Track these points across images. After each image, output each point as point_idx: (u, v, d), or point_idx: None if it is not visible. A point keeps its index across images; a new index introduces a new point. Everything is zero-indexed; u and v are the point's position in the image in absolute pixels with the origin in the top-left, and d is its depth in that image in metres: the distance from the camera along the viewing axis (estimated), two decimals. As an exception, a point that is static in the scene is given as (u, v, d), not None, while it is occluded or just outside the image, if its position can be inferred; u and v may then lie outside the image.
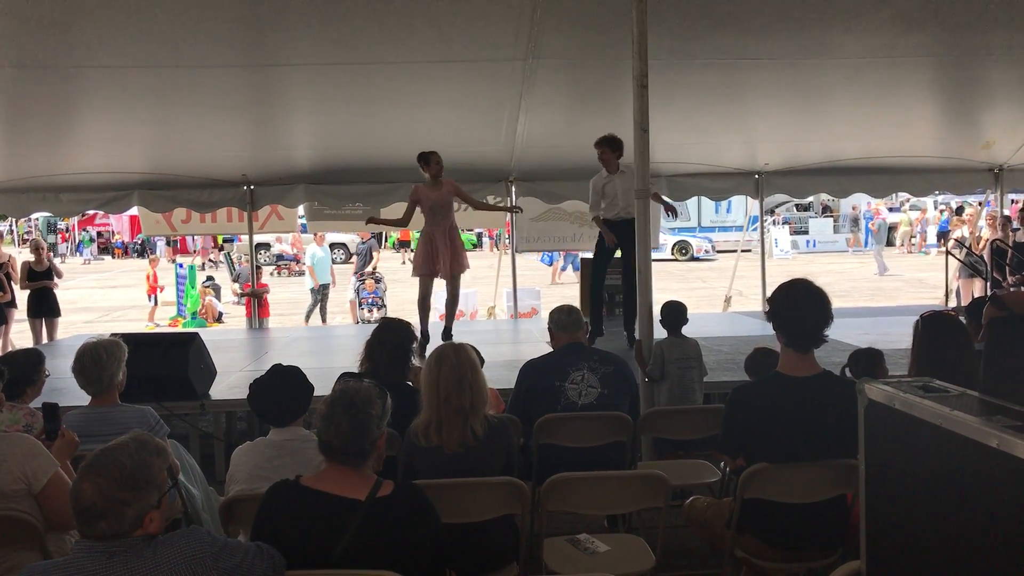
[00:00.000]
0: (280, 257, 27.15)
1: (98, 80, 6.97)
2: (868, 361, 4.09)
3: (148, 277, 16.89)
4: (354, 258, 14.71)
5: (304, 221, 13.87)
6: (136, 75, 6.85)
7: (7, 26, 5.91)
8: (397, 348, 4.04)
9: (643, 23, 4.79)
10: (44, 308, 11.00)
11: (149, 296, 16.81)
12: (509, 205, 8.19)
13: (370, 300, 14.17)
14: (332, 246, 19.80)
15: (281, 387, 3.33)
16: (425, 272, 7.41)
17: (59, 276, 11.37)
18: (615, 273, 10.76)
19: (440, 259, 7.33)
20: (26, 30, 5.94)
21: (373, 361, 4.03)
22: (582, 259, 12.44)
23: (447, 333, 7.39)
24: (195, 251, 31.70)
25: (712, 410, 4.50)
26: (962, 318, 4.46)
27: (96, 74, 6.82)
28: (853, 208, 32.72)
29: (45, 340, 10.75)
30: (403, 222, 7.73)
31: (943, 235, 25.48)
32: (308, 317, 14.38)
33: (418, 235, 7.89)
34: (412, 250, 29.30)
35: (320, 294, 14.40)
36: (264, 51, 6.75)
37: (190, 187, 9.98)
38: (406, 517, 2.43)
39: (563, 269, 21.71)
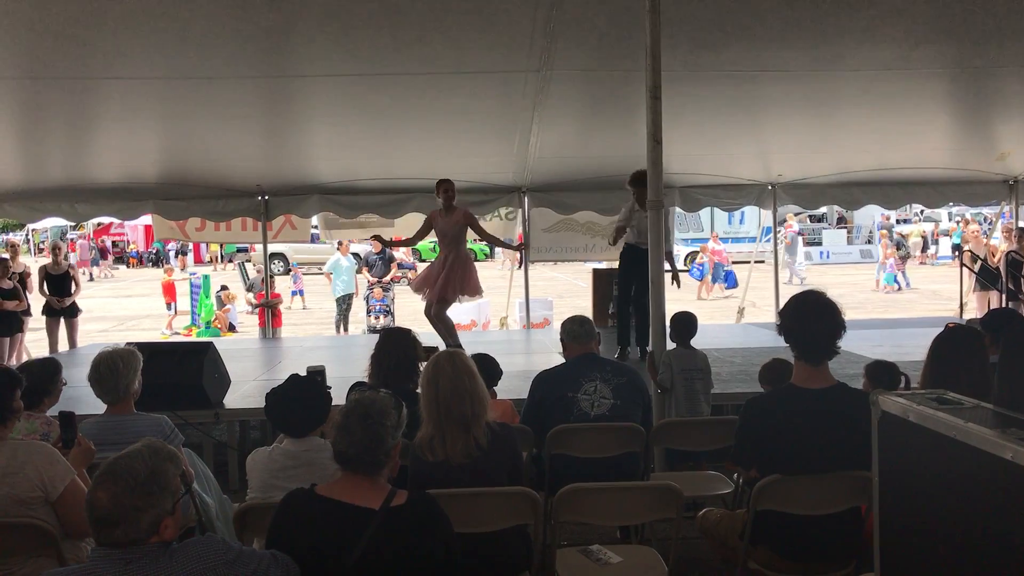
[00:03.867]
0: (400, 265, 26.91)
1: (115, 91, 7.03)
2: (887, 374, 4.07)
3: (164, 287, 17.01)
4: (365, 268, 14.70)
5: (317, 231, 13.92)
6: (152, 86, 6.92)
7: (26, 39, 5.97)
8: (403, 357, 4.05)
9: (656, 35, 4.80)
10: (61, 309, 11.02)
11: (168, 305, 16.93)
12: (515, 245, 8.97)
13: (378, 308, 14.20)
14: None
15: (299, 398, 3.32)
16: (420, 291, 7.68)
17: (77, 285, 11.33)
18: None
19: (435, 285, 7.53)
20: (45, 43, 6.01)
21: (380, 372, 4.04)
22: (594, 270, 12.43)
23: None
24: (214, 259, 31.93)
25: (725, 421, 4.49)
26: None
27: (113, 86, 6.88)
28: (886, 218, 32.54)
29: (64, 341, 10.76)
30: (413, 241, 7.96)
31: (958, 247, 25.37)
32: (338, 327, 14.41)
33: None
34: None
35: (344, 303, 14.43)
36: (279, 63, 6.80)
37: (205, 197, 10.06)
38: (420, 526, 2.44)
39: (715, 282, 20.99)
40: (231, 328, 16.17)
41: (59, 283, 10.97)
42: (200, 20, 5.81)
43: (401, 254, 27.19)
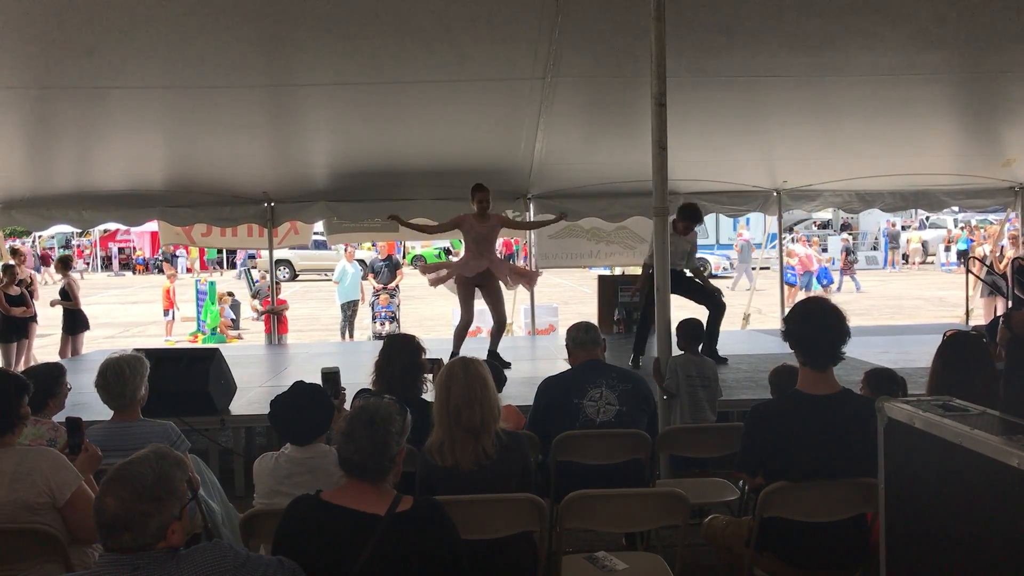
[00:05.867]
0: None
1: (122, 101, 7.05)
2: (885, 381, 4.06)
3: (167, 292, 16.97)
4: (371, 274, 14.68)
5: (321, 238, 13.93)
6: (159, 95, 6.94)
7: (34, 50, 6.00)
8: (407, 364, 4.04)
9: (661, 41, 4.81)
10: (72, 324, 11.17)
11: (166, 312, 16.89)
12: (555, 216, 8.56)
13: (383, 314, 14.19)
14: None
15: (302, 406, 3.32)
16: (466, 277, 7.54)
17: (71, 295, 11.35)
18: (631, 291, 10.81)
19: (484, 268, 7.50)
20: (52, 53, 6.03)
21: (384, 379, 4.03)
22: (600, 276, 12.43)
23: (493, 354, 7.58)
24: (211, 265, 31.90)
25: (730, 428, 4.48)
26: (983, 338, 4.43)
27: (120, 95, 6.90)
28: (892, 225, 32.72)
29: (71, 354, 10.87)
30: (433, 229, 7.84)
31: (964, 253, 25.42)
32: (343, 333, 14.42)
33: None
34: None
35: (349, 310, 14.44)
36: (284, 71, 6.82)
37: (211, 204, 10.10)
38: (425, 532, 2.45)
39: (805, 289, 19.68)
40: (234, 325, 16.19)
41: (62, 295, 11.19)
42: (206, 30, 5.83)
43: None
